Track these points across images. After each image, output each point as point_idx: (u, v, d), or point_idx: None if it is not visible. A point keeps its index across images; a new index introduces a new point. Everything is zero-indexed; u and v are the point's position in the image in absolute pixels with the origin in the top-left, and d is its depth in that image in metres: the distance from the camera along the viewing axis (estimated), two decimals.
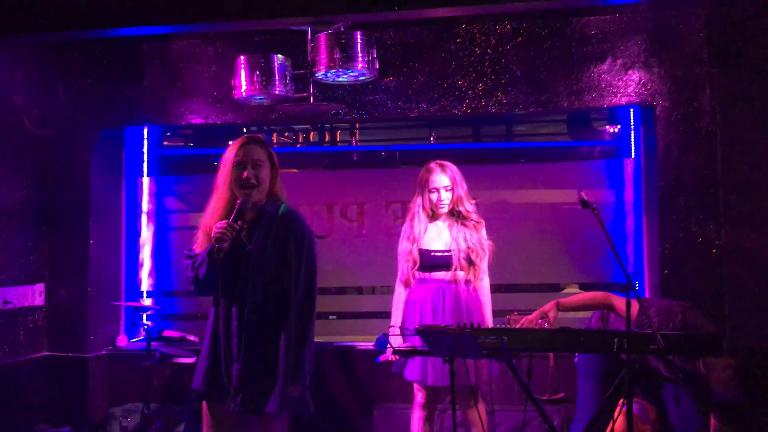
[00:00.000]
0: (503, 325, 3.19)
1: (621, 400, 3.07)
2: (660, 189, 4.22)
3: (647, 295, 4.54)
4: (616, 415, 3.11)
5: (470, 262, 3.63)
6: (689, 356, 3.85)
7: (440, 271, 3.63)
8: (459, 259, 3.60)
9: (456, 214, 3.69)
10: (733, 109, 4.07)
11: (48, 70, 4.69)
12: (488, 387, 3.51)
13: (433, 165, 3.70)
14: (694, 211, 4.14)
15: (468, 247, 3.62)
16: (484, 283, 3.69)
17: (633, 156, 4.79)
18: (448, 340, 2.82)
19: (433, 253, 3.64)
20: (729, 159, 4.07)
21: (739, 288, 4.01)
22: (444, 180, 3.65)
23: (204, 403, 2.87)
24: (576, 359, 3.26)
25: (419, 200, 3.71)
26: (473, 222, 3.69)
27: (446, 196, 3.66)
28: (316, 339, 2.93)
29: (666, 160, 4.21)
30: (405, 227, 3.79)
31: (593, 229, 4.67)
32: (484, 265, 3.67)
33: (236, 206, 2.73)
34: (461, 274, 3.61)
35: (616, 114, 5.01)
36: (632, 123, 4.78)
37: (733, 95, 4.06)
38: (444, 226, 3.72)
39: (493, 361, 3.48)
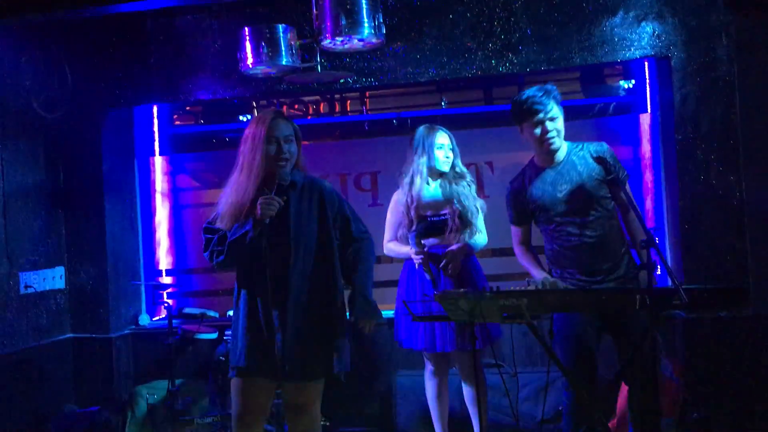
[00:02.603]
0: (523, 287, 3.16)
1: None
2: (678, 142, 4.14)
3: (668, 250, 4.49)
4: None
5: (465, 223, 3.67)
6: (713, 310, 3.82)
7: (435, 238, 3.67)
8: (454, 221, 3.65)
9: (450, 175, 3.74)
10: (751, 57, 3.97)
11: (53, 52, 4.66)
12: (511, 349, 3.52)
13: (429, 126, 3.78)
14: (714, 163, 4.06)
15: (463, 207, 3.67)
16: (478, 240, 3.75)
17: (649, 110, 4.70)
18: (467, 304, 2.80)
19: (430, 218, 3.67)
20: (748, 108, 3.99)
21: (761, 239, 3.95)
22: (447, 139, 3.75)
23: (240, 378, 2.86)
24: (554, 324, 3.20)
25: (422, 160, 3.72)
26: (467, 181, 3.76)
27: (451, 154, 3.74)
28: None
29: (683, 113, 4.12)
30: (400, 192, 3.79)
31: None
32: (479, 222, 3.73)
33: (276, 181, 2.79)
34: (454, 241, 3.67)
35: (631, 68, 4.91)
36: (647, 76, 4.69)
37: (750, 42, 3.97)
38: (437, 186, 3.75)
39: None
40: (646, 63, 4.62)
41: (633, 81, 4.94)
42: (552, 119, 3.11)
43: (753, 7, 3.96)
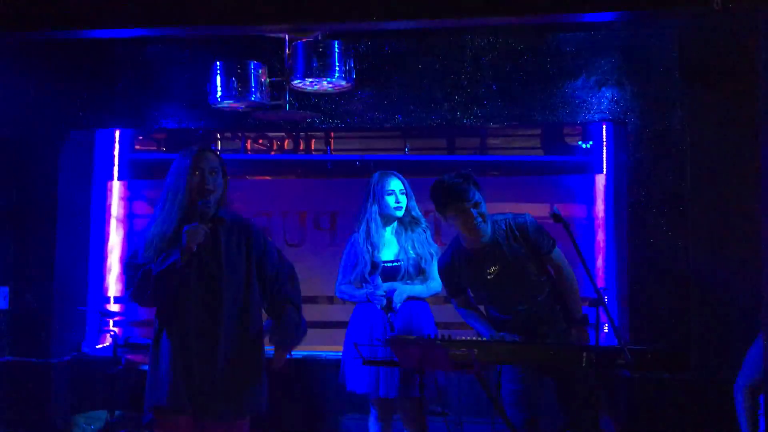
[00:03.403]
0: (475, 338, 3.20)
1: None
2: (630, 205, 4.28)
3: (616, 309, 4.58)
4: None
5: (419, 270, 3.71)
6: (657, 371, 3.91)
7: (388, 282, 3.68)
8: (407, 269, 3.69)
9: (406, 221, 3.76)
10: (704, 128, 4.13)
11: (19, 69, 4.60)
12: (458, 398, 3.53)
13: (383, 172, 3.82)
14: (663, 227, 4.19)
15: (417, 254, 3.71)
16: (431, 286, 3.76)
17: (605, 172, 4.84)
18: (418, 351, 2.82)
19: (384, 264, 3.69)
20: (698, 177, 4.14)
21: (705, 305, 4.07)
22: (399, 184, 3.77)
23: (161, 420, 2.79)
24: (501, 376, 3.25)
25: (374, 207, 3.76)
26: (422, 228, 3.79)
27: (402, 200, 3.75)
28: None
29: (636, 177, 4.27)
30: (358, 237, 3.81)
31: (564, 243, 4.71)
32: (431, 269, 3.72)
33: (198, 210, 2.76)
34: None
35: (589, 130, 5.07)
36: (604, 139, 4.84)
37: (703, 114, 4.13)
38: (392, 234, 3.79)
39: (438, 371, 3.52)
40: (604, 126, 4.78)
41: (591, 142, 5.09)
42: (476, 204, 3.12)
43: (707, 81, 4.14)
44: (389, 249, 3.76)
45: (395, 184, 3.76)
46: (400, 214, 3.76)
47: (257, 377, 2.86)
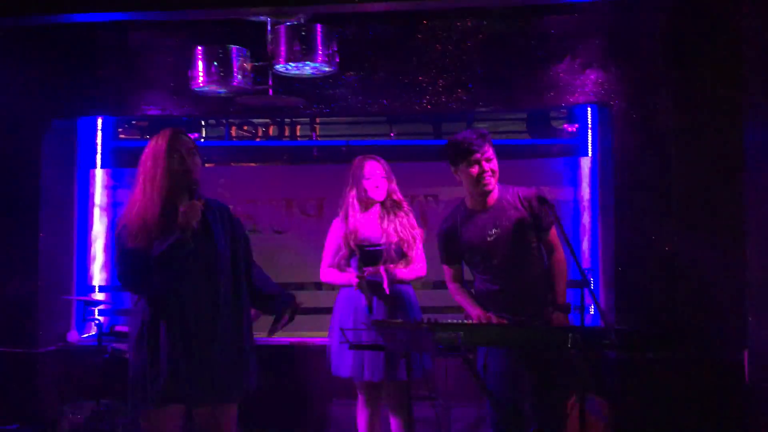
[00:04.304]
0: (461, 321, 3.20)
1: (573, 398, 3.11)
2: (615, 188, 4.28)
3: (601, 291, 4.60)
4: (568, 411, 3.14)
5: (402, 254, 3.69)
6: (642, 352, 3.93)
7: (371, 266, 3.65)
8: (390, 252, 3.66)
9: (388, 205, 3.75)
10: (689, 110, 4.14)
11: None
12: (444, 383, 3.53)
13: (364, 156, 3.80)
14: (649, 210, 4.20)
15: (399, 238, 3.69)
16: (415, 270, 3.75)
17: (590, 155, 4.85)
18: (404, 334, 2.82)
19: (367, 248, 3.66)
20: (683, 159, 4.15)
21: (690, 285, 4.09)
22: (378, 168, 3.74)
23: (150, 412, 2.76)
24: (480, 358, 3.25)
25: (353, 192, 3.76)
26: (404, 211, 3.77)
27: (382, 184, 3.73)
28: (275, 335, 3.09)
29: (621, 160, 4.27)
30: (338, 221, 3.82)
31: None
32: (415, 252, 3.73)
33: (192, 190, 2.76)
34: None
35: (575, 113, 5.07)
36: (590, 122, 4.85)
37: (688, 96, 4.14)
38: (375, 218, 3.77)
39: (425, 355, 3.54)
40: (589, 109, 4.78)
41: (576, 125, 5.10)
42: (488, 160, 3.16)
43: (692, 63, 4.14)
44: (371, 233, 3.74)
45: (375, 168, 3.74)
46: (380, 197, 3.74)
47: (250, 358, 2.87)
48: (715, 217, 4.09)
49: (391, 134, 5.45)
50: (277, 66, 3.48)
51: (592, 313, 4.51)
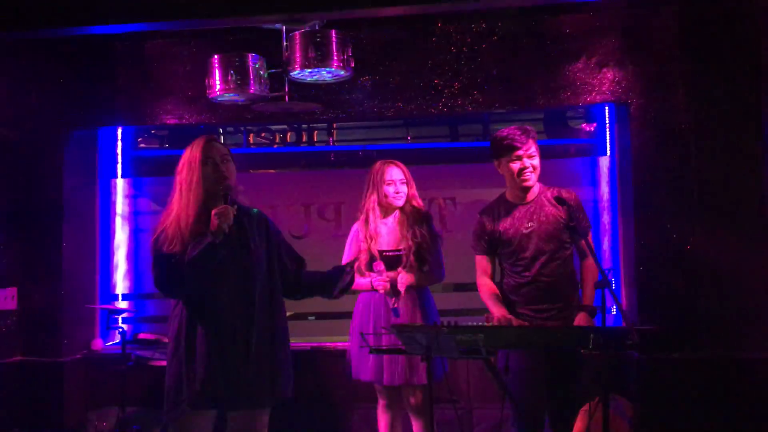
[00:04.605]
0: (481, 323, 3.19)
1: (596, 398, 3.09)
2: (635, 187, 4.25)
3: (623, 291, 4.57)
4: (592, 410, 3.12)
5: (421, 259, 3.69)
6: (665, 352, 3.90)
7: (391, 271, 3.65)
8: (409, 257, 3.66)
9: (408, 210, 3.75)
10: (708, 107, 4.11)
11: (19, 70, 4.62)
12: (466, 385, 3.53)
13: (384, 161, 3.82)
14: (669, 208, 4.16)
15: (419, 244, 3.69)
16: (436, 275, 3.76)
17: (608, 154, 4.82)
18: (424, 338, 2.82)
19: (386, 253, 3.67)
20: (702, 157, 4.12)
21: (712, 285, 4.05)
22: (399, 173, 3.76)
23: (189, 413, 2.77)
24: (501, 360, 3.28)
25: (373, 197, 3.77)
26: (423, 217, 3.77)
27: (402, 189, 3.75)
28: (296, 340, 3.23)
29: (640, 158, 4.24)
30: (358, 226, 3.84)
31: None
32: (436, 257, 3.74)
33: (224, 194, 2.78)
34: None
35: (592, 112, 5.04)
36: (607, 121, 4.82)
37: (706, 93, 4.11)
38: (395, 223, 3.78)
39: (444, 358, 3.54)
40: (606, 108, 4.75)
41: (594, 124, 5.07)
42: (530, 156, 3.25)
43: (709, 59, 4.11)
44: (391, 238, 3.76)
45: (395, 174, 3.75)
46: (399, 203, 3.75)
47: (286, 363, 2.89)
48: (735, 214, 4.05)
49: (408, 138, 5.45)
50: (293, 72, 3.49)
51: (614, 313, 4.48)
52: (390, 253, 3.67)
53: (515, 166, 3.25)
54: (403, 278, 3.63)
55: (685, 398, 4.01)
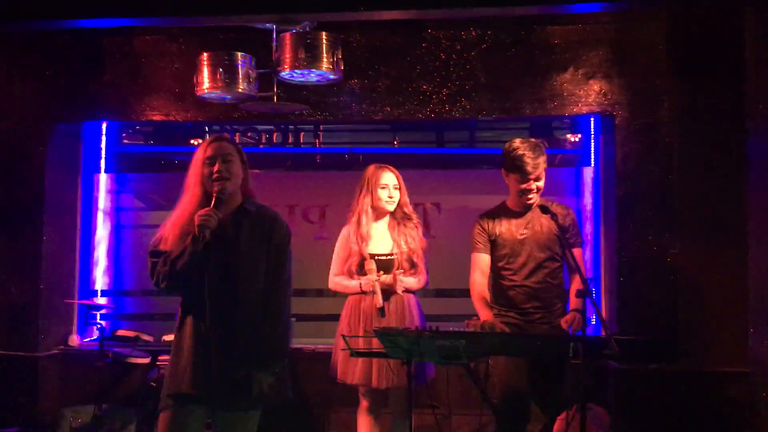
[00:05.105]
0: (462, 329, 3.21)
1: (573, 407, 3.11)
2: (618, 198, 4.29)
3: (603, 301, 4.60)
4: (569, 418, 3.14)
5: (411, 264, 3.76)
6: (644, 362, 3.94)
7: (384, 274, 3.70)
8: (401, 263, 3.72)
9: (398, 216, 3.80)
10: (692, 121, 4.15)
11: (3, 61, 4.58)
12: (446, 390, 3.54)
13: (378, 165, 3.85)
14: (651, 220, 4.20)
15: (410, 249, 3.75)
16: (421, 280, 3.82)
17: (593, 164, 4.85)
18: (406, 342, 2.82)
19: (377, 257, 3.72)
20: (685, 170, 4.16)
21: (691, 297, 4.09)
22: (393, 178, 3.80)
23: (174, 407, 2.77)
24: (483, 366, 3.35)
25: (366, 199, 3.79)
26: (414, 223, 3.83)
27: (395, 194, 3.79)
28: None
29: (624, 170, 4.28)
30: (349, 228, 3.85)
31: None
32: (422, 264, 3.81)
33: (213, 195, 2.75)
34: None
35: (578, 123, 5.08)
36: (592, 132, 4.85)
37: (691, 107, 4.15)
38: (385, 227, 3.82)
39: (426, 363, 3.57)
40: (592, 119, 4.79)
41: (579, 135, 5.10)
42: (537, 179, 3.34)
43: (695, 74, 4.15)
44: (382, 242, 3.79)
45: (389, 178, 3.79)
46: (391, 208, 3.78)
47: (272, 366, 2.80)
48: (717, 227, 4.09)
49: (395, 142, 5.46)
50: (282, 73, 3.48)
51: (594, 323, 4.51)
52: (383, 257, 3.70)
53: (522, 185, 3.35)
54: (406, 280, 3.69)
55: (662, 409, 4.04)
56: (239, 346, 2.76)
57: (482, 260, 3.44)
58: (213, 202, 2.75)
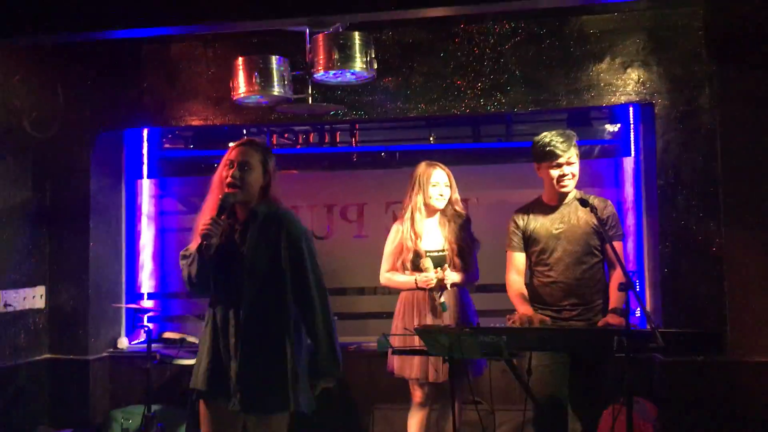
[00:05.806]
0: (504, 324, 3.20)
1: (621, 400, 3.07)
2: (659, 187, 4.22)
3: (647, 293, 4.53)
4: (615, 412, 3.10)
5: (463, 261, 3.79)
6: (690, 355, 3.87)
7: (437, 270, 3.72)
8: (452, 259, 3.76)
9: (449, 213, 3.83)
10: (733, 107, 4.07)
11: (47, 72, 4.71)
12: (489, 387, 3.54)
13: (429, 163, 3.88)
14: (694, 209, 4.13)
15: (460, 246, 3.78)
16: (473, 276, 3.86)
17: (633, 155, 4.78)
18: (447, 339, 2.82)
19: (430, 253, 3.76)
20: (728, 157, 4.08)
21: (738, 286, 4.01)
22: (443, 176, 3.84)
23: (203, 402, 2.86)
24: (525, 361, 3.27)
25: (418, 197, 3.81)
26: (463, 220, 3.85)
27: (446, 192, 3.82)
28: None
29: (665, 159, 4.21)
30: (400, 225, 3.87)
31: None
32: (471, 260, 3.84)
33: (219, 203, 2.76)
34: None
35: (616, 113, 5.00)
36: (631, 122, 4.78)
37: (732, 92, 4.07)
38: (436, 224, 3.85)
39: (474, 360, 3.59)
40: (630, 108, 4.72)
41: (618, 125, 5.03)
42: (570, 163, 3.29)
43: (735, 59, 4.06)
44: (434, 239, 3.83)
45: (440, 176, 3.82)
46: (441, 205, 3.82)
47: (289, 374, 2.75)
48: (760, 215, 4.01)
49: (430, 138, 5.45)
50: (316, 74, 3.50)
51: (638, 315, 4.45)
52: (435, 253, 3.75)
53: (555, 172, 3.29)
54: (451, 275, 3.71)
55: (709, 401, 3.97)
56: (250, 352, 2.74)
57: (517, 259, 3.42)
58: (216, 210, 2.75)
